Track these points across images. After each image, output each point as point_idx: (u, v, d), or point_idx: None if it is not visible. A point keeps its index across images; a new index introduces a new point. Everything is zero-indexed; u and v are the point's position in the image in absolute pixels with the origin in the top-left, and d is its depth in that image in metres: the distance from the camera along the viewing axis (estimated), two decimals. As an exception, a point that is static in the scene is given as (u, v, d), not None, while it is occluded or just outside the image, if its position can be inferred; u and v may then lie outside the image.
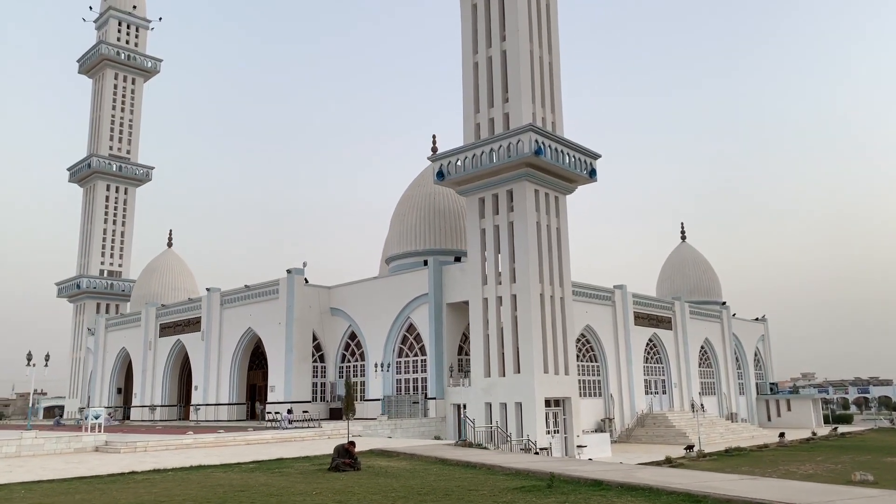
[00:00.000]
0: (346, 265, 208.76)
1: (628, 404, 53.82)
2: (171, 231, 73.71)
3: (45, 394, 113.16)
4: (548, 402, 38.90)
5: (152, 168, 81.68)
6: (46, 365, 27.52)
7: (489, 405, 39.23)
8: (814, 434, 56.64)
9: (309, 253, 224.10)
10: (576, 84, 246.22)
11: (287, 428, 34.99)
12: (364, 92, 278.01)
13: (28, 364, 25.86)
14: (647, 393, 57.00)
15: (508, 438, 35.79)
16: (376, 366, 45.09)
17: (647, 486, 13.72)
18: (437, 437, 35.37)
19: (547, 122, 42.12)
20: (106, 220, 78.35)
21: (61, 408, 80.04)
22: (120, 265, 78.85)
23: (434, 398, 41.95)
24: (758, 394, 72.43)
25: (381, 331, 45.97)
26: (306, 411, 39.71)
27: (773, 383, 74.23)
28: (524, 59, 41.24)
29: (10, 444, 25.13)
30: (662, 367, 60.06)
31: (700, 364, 65.17)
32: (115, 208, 79.50)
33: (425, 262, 44.60)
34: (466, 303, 41.85)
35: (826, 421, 73.88)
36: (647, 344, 58.77)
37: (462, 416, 38.59)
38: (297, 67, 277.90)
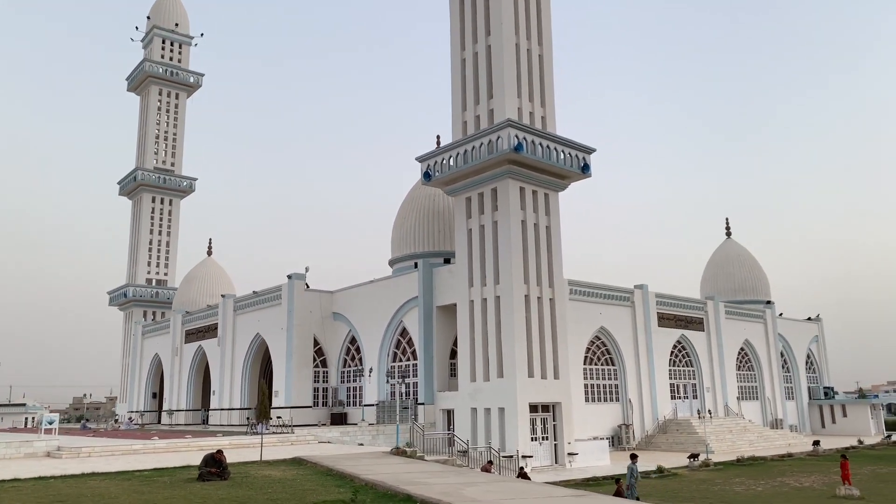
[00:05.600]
0: (368, 268, 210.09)
1: (650, 410, 51.18)
2: (210, 240, 75.82)
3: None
4: (535, 408, 37.38)
5: (195, 179, 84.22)
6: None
7: (475, 411, 38.08)
8: (860, 442, 52.27)
9: (335, 257, 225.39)
10: (620, 72, 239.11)
11: (260, 433, 34.83)
12: (389, 94, 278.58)
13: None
14: (673, 398, 54.05)
15: (466, 446, 34.43)
16: (367, 370, 44.57)
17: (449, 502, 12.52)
18: (408, 445, 34.35)
19: (535, 118, 40.57)
20: (152, 231, 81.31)
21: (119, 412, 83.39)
22: (165, 274, 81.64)
23: (423, 403, 41.04)
24: (810, 399, 67.70)
25: (377, 335, 45.40)
26: (280, 416, 39.52)
27: (828, 387, 69.09)
28: (508, 54, 39.89)
29: (-39, 448, 25.94)
30: (692, 371, 56.89)
31: (739, 367, 61.41)
32: (161, 219, 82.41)
33: (415, 265, 43.82)
34: (456, 305, 40.75)
35: (889, 428, 68.26)
36: (675, 346, 55.77)
37: (410, 421, 37.88)
38: (314, 70, 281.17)
